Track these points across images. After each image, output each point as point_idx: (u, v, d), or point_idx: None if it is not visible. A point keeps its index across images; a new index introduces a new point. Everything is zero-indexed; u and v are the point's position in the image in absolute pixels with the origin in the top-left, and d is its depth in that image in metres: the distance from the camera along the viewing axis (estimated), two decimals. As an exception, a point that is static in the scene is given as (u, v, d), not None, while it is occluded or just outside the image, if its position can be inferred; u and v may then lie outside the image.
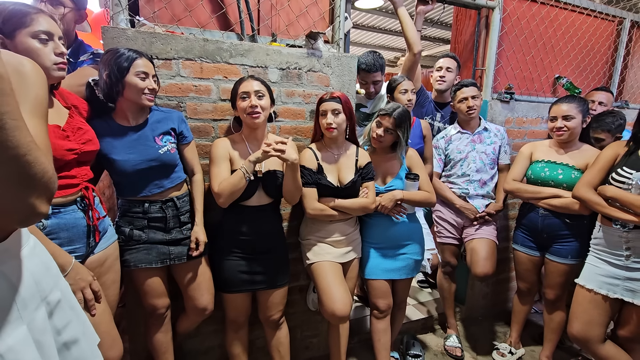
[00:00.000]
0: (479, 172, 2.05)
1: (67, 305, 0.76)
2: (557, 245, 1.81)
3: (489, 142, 2.08)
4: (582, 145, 1.82)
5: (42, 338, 0.66)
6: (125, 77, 1.24)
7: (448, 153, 2.10)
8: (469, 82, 2.01)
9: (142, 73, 1.26)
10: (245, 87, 1.41)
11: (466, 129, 2.09)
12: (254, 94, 1.40)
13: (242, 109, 1.42)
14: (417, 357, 2.03)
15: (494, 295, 2.54)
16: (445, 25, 6.15)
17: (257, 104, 1.40)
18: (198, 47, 1.50)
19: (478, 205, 2.05)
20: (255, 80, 1.43)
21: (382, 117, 1.62)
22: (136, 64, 1.25)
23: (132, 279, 1.44)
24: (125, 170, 1.30)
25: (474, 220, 2.04)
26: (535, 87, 2.53)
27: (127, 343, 1.66)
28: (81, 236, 1.14)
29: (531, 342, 2.23)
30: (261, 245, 1.51)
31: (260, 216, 1.50)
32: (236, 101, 1.44)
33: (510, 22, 2.33)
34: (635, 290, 1.42)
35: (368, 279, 1.73)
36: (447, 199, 2.09)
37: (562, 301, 1.88)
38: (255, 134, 1.50)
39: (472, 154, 2.05)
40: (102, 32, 1.37)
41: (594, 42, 2.66)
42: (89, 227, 1.16)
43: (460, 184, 2.07)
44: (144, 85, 1.26)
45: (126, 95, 1.27)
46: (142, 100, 1.28)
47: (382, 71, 2.08)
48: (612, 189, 1.47)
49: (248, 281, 1.50)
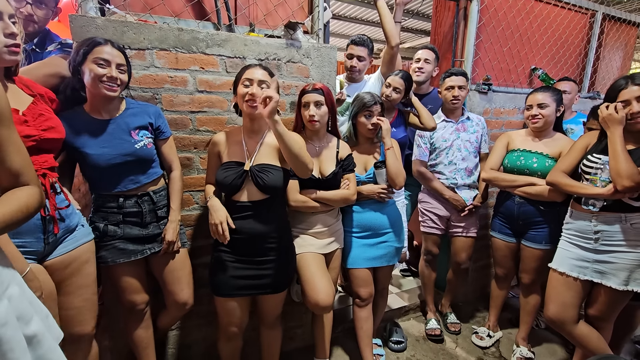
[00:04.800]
0: (464, 160, 2.09)
1: (26, 300, 0.74)
2: (532, 232, 1.88)
3: (472, 131, 2.12)
4: (555, 134, 1.88)
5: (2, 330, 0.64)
6: (83, 64, 1.18)
7: (433, 141, 2.12)
8: (459, 72, 2.03)
9: (102, 60, 1.18)
10: (250, 74, 1.34)
11: (450, 117, 2.12)
12: (258, 83, 1.33)
13: (241, 95, 1.34)
14: (399, 343, 2.08)
15: (473, 281, 2.61)
16: (425, 16, 6.18)
17: (254, 92, 1.32)
18: (173, 37, 1.46)
19: (466, 197, 2.09)
20: (262, 69, 1.36)
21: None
22: (96, 50, 1.18)
23: (109, 275, 1.40)
24: (99, 164, 1.25)
25: (461, 212, 2.09)
26: (512, 78, 2.58)
27: (107, 340, 1.64)
28: (32, 229, 1.06)
29: (508, 325, 2.31)
30: (255, 247, 1.40)
31: (253, 214, 1.38)
32: (237, 87, 1.37)
33: (488, 14, 2.36)
34: (603, 271, 1.49)
35: (350, 268, 1.75)
36: (436, 190, 2.11)
37: (536, 285, 1.96)
38: (252, 126, 1.42)
39: (457, 142, 2.09)
40: (70, 20, 1.31)
41: (568, 34, 2.73)
42: (44, 219, 1.07)
43: (448, 174, 2.10)
44: (101, 72, 1.18)
45: (86, 84, 1.21)
46: (101, 89, 1.20)
47: (368, 50, 2.13)
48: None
49: (240, 285, 1.39)
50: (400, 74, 1.96)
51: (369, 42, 2.15)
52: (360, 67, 2.13)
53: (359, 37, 2.13)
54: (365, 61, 2.15)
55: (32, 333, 0.72)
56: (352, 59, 2.13)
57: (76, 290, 1.20)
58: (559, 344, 2.15)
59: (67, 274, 1.17)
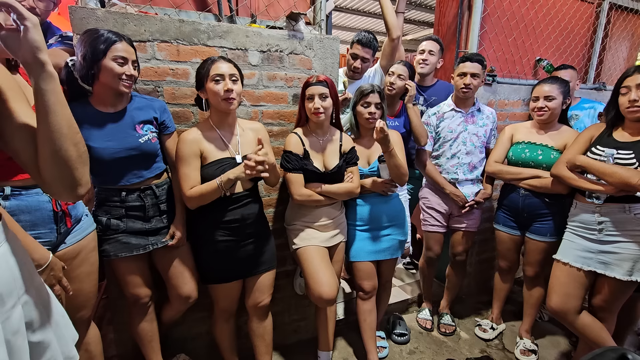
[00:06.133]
0: (469, 154, 2.00)
1: (40, 304, 0.73)
2: (537, 224, 1.86)
3: (481, 124, 2.01)
4: (560, 127, 1.86)
5: (13, 338, 0.63)
6: (101, 61, 1.18)
7: (439, 131, 2.03)
8: (475, 58, 1.89)
9: (121, 58, 1.20)
10: (218, 68, 1.30)
11: (460, 107, 2.00)
12: (229, 77, 1.31)
13: (214, 93, 1.30)
14: (402, 335, 2.09)
15: (476, 274, 2.61)
16: (428, 7, 6.10)
17: (232, 88, 1.31)
18: (174, 29, 1.44)
19: (467, 193, 2.01)
20: (228, 62, 1.33)
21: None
22: (115, 47, 1.19)
23: (113, 269, 1.41)
24: (103, 158, 1.25)
25: (462, 208, 2.02)
26: (516, 70, 2.55)
27: (112, 333, 1.65)
28: (46, 221, 1.09)
29: (512, 318, 2.32)
30: (246, 232, 1.46)
31: (243, 203, 1.45)
32: (205, 83, 1.33)
33: (493, 4, 2.32)
34: (607, 262, 1.48)
35: (353, 261, 1.75)
36: (437, 184, 2.04)
37: (540, 278, 1.95)
38: (226, 120, 1.41)
39: (464, 134, 1.99)
40: (69, 12, 1.29)
41: (574, 24, 2.69)
42: (56, 213, 1.11)
43: (450, 169, 2.02)
44: (121, 70, 1.20)
45: (102, 79, 1.22)
46: (119, 87, 1.22)
47: (373, 52, 2.09)
48: (582, 158, 1.53)
49: (237, 269, 1.48)
50: (402, 62, 1.93)
51: (375, 42, 2.07)
52: (363, 69, 2.09)
53: (365, 38, 2.02)
54: (369, 63, 2.10)
55: (37, 340, 0.70)
56: (356, 60, 2.06)
57: (86, 277, 1.24)
58: (562, 336, 2.16)
59: (77, 262, 1.20)
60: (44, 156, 0.68)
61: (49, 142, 0.67)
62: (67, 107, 0.69)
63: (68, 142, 0.69)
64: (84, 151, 0.73)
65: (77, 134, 0.72)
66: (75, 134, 0.71)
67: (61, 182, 0.70)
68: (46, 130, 0.66)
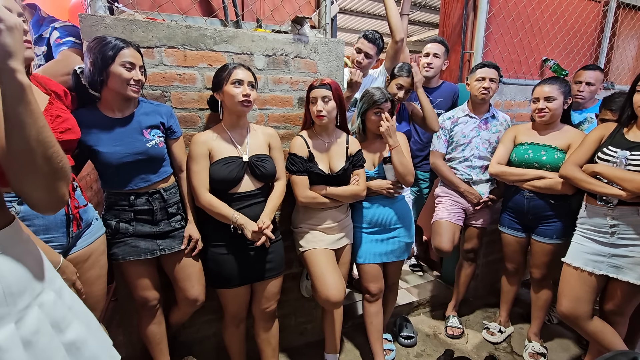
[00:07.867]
0: (480, 159, 2.04)
1: (64, 306, 0.74)
2: (543, 226, 1.85)
3: (494, 130, 2.05)
4: (563, 126, 1.84)
5: (34, 338, 0.64)
6: (110, 67, 1.20)
7: (452, 135, 2.07)
8: (492, 64, 1.96)
9: (128, 63, 1.22)
10: (239, 74, 1.38)
11: (475, 113, 2.05)
12: (247, 83, 1.38)
13: (232, 95, 1.37)
14: (409, 338, 2.08)
15: (483, 276, 2.59)
16: (433, 8, 6.09)
17: (250, 93, 1.38)
18: (181, 34, 1.46)
19: (482, 191, 2.05)
20: (248, 70, 1.41)
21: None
22: (122, 53, 1.21)
23: (122, 272, 1.43)
24: (111, 163, 1.27)
25: (476, 206, 2.04)
26: (523, 70, 2.54)
27: (121, 336, 1.67)
28: (59, 225, 1.12)
29: (520, 321, 2.29)
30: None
31: (251, 202, 1.45)
32: (224, 85, 1.38)
33: (498, 4, 2.31)
34: (620, 266, 1.46)
35: (360, 263, 1.75)
36: (452, 183, 2.07)
37: (547, 280, 1.93)
38: (238, 122, 1.47)
39: (476, 140, 2.03)
40: (79, 20, 1.32)
41: (581, 23, 2.67)
42: (68, 216, 1.13)
43: (462, 170, 2.06)
44: (129, 76, 1.23)
45: (110, 85, 1.24)
46: (127, 92, 1.25)
47: (378, 49, 2.10)
48: (599, 166, 1.49)
49: (246, 274, 1.47)
50: (406, 72, 1.94)
51: (381, 40, 2.10)
52: (365, 64, 2.10)
53: (371, 33, 2.07)
54: (372, 59, 2.11)
55: (70, 340, 0.71)
56: (360, 54, 2.09)
57: (96, 280, 1.26)
58: (572, 339, 2.13)
59: (88, 266, 1.23)
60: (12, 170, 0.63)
61: (15, 155, 0.61)
62: (39, 119, 0.61)
63: (37, 156, 0.62)
64: (62, 166, 0.66)
65: (50, 148, 0.63)
66: (48, 148, 0.63)
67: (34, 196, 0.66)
68: (11, 143, 0.60)
